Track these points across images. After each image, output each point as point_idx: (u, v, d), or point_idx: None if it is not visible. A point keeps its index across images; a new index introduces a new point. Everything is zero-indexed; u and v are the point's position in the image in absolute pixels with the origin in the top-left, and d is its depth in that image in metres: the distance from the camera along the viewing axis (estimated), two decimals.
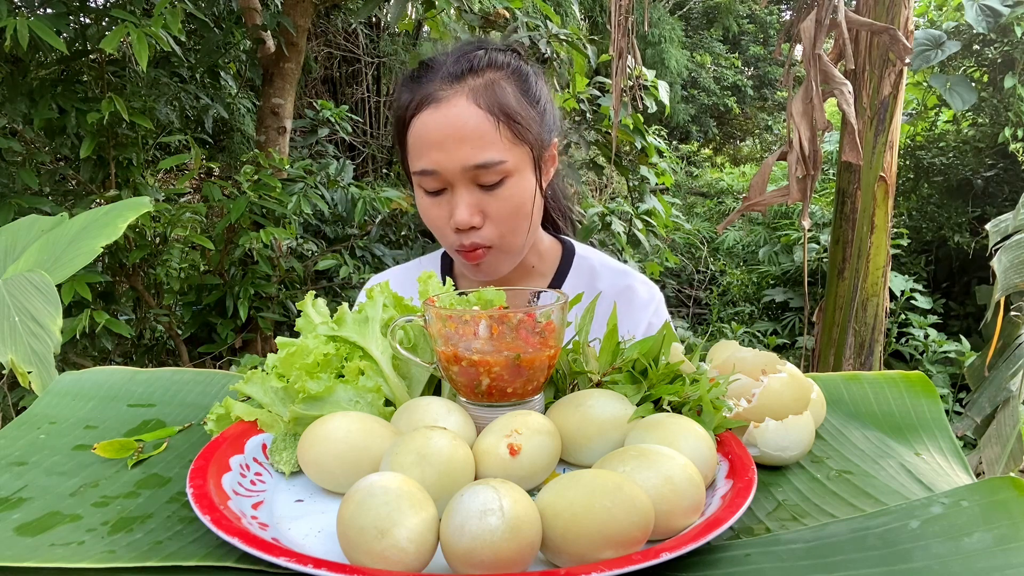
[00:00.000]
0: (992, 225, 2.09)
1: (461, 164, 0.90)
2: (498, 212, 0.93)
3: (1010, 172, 4.98)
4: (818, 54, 1.61)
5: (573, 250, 1.11)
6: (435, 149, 0.91)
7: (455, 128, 0.90)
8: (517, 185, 0.95)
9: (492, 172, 0.91)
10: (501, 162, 0.91)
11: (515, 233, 0.96)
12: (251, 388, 0.63)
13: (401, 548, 0.42)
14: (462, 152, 0.90)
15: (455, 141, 0.90)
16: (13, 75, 2.29)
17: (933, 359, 4.53)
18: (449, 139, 0.90)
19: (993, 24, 4.17)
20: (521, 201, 0.95)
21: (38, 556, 0.46)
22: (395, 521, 0.42)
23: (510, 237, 0.96)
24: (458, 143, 0.90)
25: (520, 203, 0.95)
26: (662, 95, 3.10)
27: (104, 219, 1.18)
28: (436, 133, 0.91)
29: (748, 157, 10.97)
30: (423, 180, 0.94)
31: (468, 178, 0.92)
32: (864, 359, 2.31)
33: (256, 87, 3.41)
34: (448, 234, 0.96)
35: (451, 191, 0.93)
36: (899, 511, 0.47)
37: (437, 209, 0.95)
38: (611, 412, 0.58)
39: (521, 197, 0.95)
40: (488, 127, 0.91)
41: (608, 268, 1.10)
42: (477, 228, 0.93)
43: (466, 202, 0.92)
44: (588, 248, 1.13)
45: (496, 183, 0.92)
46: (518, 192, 0.95)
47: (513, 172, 0.93)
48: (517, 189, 0.95)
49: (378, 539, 0.42)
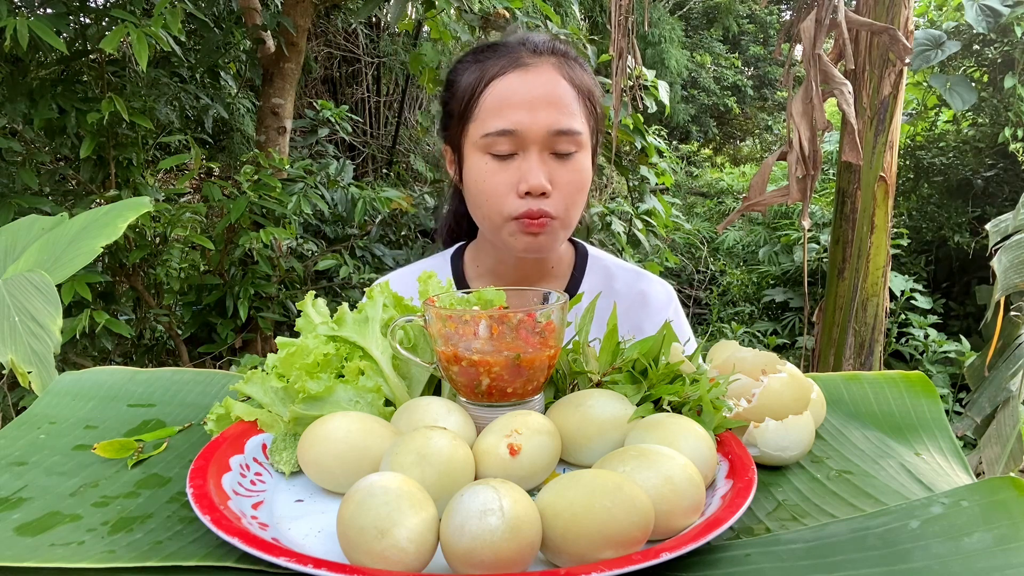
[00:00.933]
0: (992, 225, 2.09)
1: (546, 127, 0.91)
2: (567, 184, 0.93)
3: (1010, 172, 4.98)
4: (818, 54, 1.61)
5: (586, 251, 1.12)
6: (521, 110, 0.91)
7: (545, 91, 0.92)
8: (584, 161, 0.96)
9: (570, 141, 0.93)
10: (580, 133, 0.93)
11: (576, 209, 0.96)
12: (251, 388, 0.63)
13: (401, 548, 0.42)
14: (549, 115, 0.91)
15: (544, 104, 0.92)
16: (13, 75, 2.29)
17: (933, 359, 4.53)
18: (538, 101, 0.92)
19: (993, 24, 4.17)
20: (585, 178, 0.96)
21: (38, 556, 0.46)
22: (395, 521, 0.42)
23: (572, 212, 0.96)
24: (546, 106, 0.92)
25: (584, 180, 0.96)
26: (662, 95, 3.10)
27: (104, 219, 1.18)
28: (524, 94, 0.92)
29: (748, 157, 10.97)
30: (497, 141, 0.92)
31: (546, 144, 0.92)
32: (864, 359, 2.31)
33: (256, 87, 3.41)
34: (510, 201, 0.93)
35: (522, 156, 0.93)
36: (899, 511, 0.47)
37: (503, 174, 0.93)
38: (611, 412, 0.58)
39: (586, 174, 0.96)
40: (572, 97, 0.94)
41: (623, 269, 1.11)
42: (547, 196, 0.93)
43: (540, 167, 0.92)
44: (597, 249, 1.14)
45: (569, 154, 0.93)
46: (584, 168, 0.96)
47: (584, 147, 0.95)
48: (584, 165, 0.96)
49: (378, 539, 0.42)
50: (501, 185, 0.94)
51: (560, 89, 0.93)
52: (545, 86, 0.93)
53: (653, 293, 1.08)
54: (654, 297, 1.08)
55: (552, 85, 0.93)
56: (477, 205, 0.98)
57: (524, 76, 0.93)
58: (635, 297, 1.07)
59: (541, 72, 0.94)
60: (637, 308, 1.06)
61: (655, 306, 1.07)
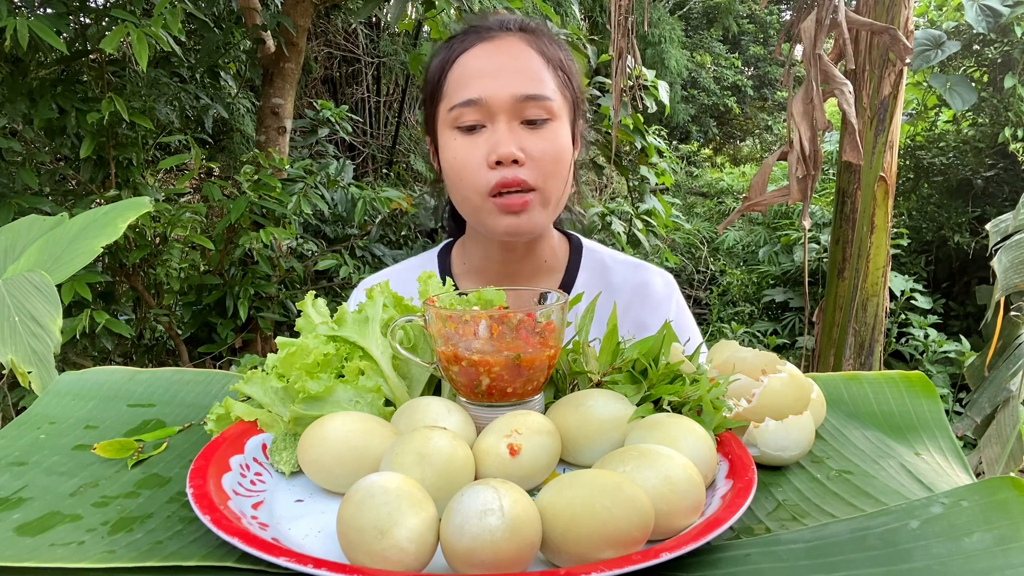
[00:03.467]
0: (992, 225, 2.09)
1: (511, 93, 0.88)
2: (541, 153, 0.89)
3: (1010, 172, 4.98)
4: (818, 54, 1.61)
5: (580, 244, 1.08)
6: (485, 77, 0.89)
7: (510, 58, 0.90)
8: (558, 131, 0.92)
9: (539, 107, 0.89)
10: (548, 98, 0.90)
11: (555, 182, 0.91)
12: (251, 388, 0.63)
13: (401, 548, 0.42)
14: (515, 81, 0.89)
15: (509, 71, 0.89)
16: (13, 75, 2.29)
17: (933, 359, 4.53)
18: (502, 68, 0.89)
19: (993, 24, 4.17)
20: (561, 148, 0.92)
21: (38, 556, 0.46)
22: (395, 521, 0.42)
23: (552, 185, 0.91)
24: (511, 73, 0.89)
25: (560, 150, 0.91)
26: (662, 95, 3.11)
27: (104, 219, 1.18)
28: (488, 63, 0.90)
29: (748, 157, 10.97)
30: (463, 113, 0.89)
31: (514, 112, 0.89)
32: (864, 359, 2.31)
33: (256, 87, 3.41)
34: (484, 174, 0.89)
35: (491, 127, 0.89)
36: (899, 511, 0.47)
37: (472, 149, 0.89)
38: (611, 412, 0.58)
39: (562, 144, 0.92)
40: (540, 65, 0.91)
41: (619, 262, 1.07)
42: (520, 165, 0.88)
43: (509, 135, 0.88)
44: (592, 242, 1.10)
45: (540, 121, 0.90)
46: (559, 138, 0.92)
47: (556, 116, 0.91)
48: (558, 135, 0.91)
49: (378, 539, 0.42)
50: (472, 160, 0.89)
51: (527, 56, 0.91)
52: (510, 54, 0.91)
53: (653, 285, 1.04)
54: (655, 289, 1.04)
55: (518, 53, 0.91)
56: (454, 187, 0.94)
57: (489, 47, 0.92)
58: (635, 291, 1.04)
59: (507, 43, 0.92)
60: (638, 303, 1.03)
61: (656, 299, 1.03)
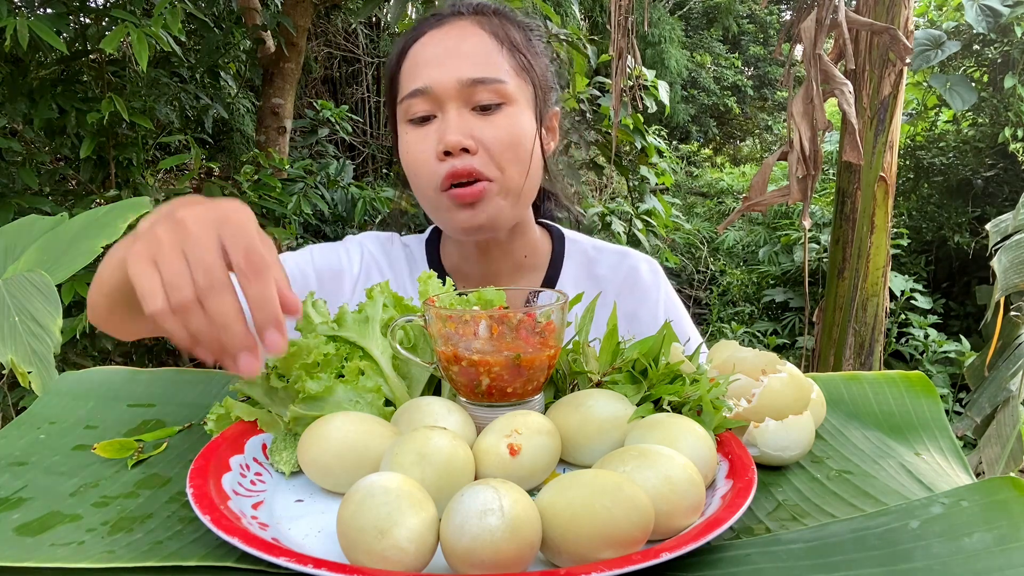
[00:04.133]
0: (992, 225, 2.09)
1: (457, 77, 0.83)
2: (493, 140, 0.83)
3: (1010, 172, 4.98)
4: (818, 54, 1.61)
5: (563, 236, 1.03)
6: (431, 66, 0.84)
7: (456, 43, 0.85)
8: (515, 116, 0.86)
9: (489, 90, 0.83)
10: (500, 81, 0.84)
11: (514, 169, 0.85)
12: (251, 388, 0.63)
13: (401, 548, 0.42)
14: (461, 65, 0.83)
15: (454, 57, 0.84)
16: (13, 75, 2.29)
17: (933, 359, 4.53)
18: (448, 54, 0.84)
19: (993, 24, 4.17)
20: (519, 135, 0.85)
21: (38, 556, 0.46)
22: (395, 521, 0.42)
23: (510, 172, 0.85)
24: (457, 58, 0.84)
25: (518, 137, 0.85)
26: (662, 95, 3.11)
27: (104, 219, 1.18)
28: (434, 50, 0.85)
29: (748, 157, 10.97)
30: (412, 104, 0.85)
31: (462, 98, 0.83)
32: (864, 359, 2.31)
33: (256, 87, 3.41)
34: (434, 167, 0.84)
35: (441, 116, 0.84)
36: (899, 511, 0.47)
37: (423, 141, 0.85)
38: (611, 412, 0.58)
39: (519, 131, 0.85)
40: (491, 47, 0.86)
41: (602, 251, 1.03)
42: (470, 154, 0.83)
43: (457, 123, 0.83)
44: (574, 232, 1.06)
45: (492, 107, 0.84)
46: (516, 124, 0.85)
47: (512, 101, 0.86)
48: (515, 120, 0.85)
49: (378, 539, 0.42)
50: (423, 152, 0.85)
51: (476, 39, 0.86)
52: (458, 39, 0.86)
53: (640, 272, 1.01)
54: (642, 277, 1.01)
55: (466, 36, 0.86)
56: (412, 185, 0.89)
57: (437, 32, 0.87)
58: (623, 280, 1.00)
59: (456, 27, 0.87)
60: (626, 292, 1.00)
61: (644, 286, 1.00)
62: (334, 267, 0.98)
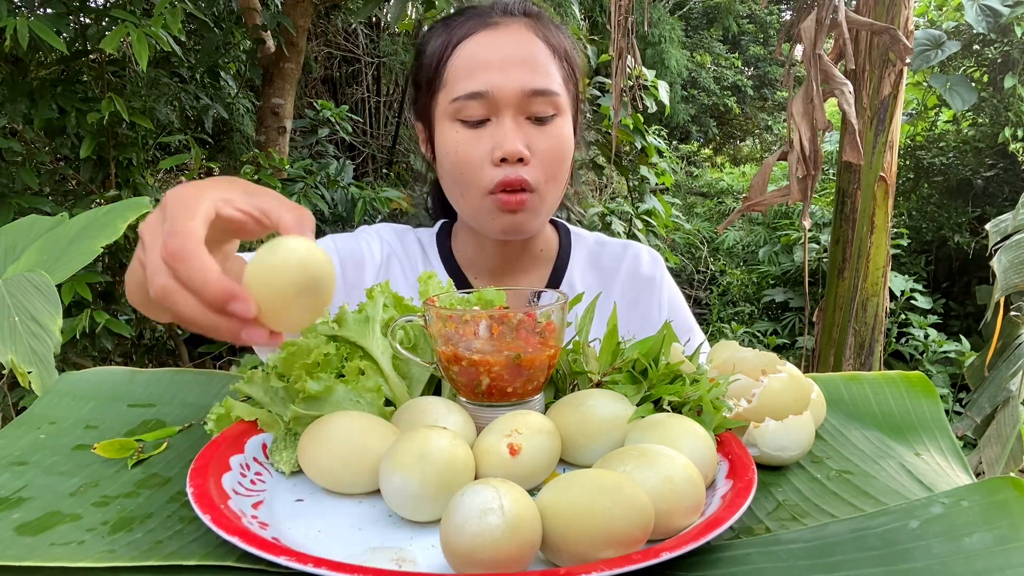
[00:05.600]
0: (992, 225, 2.09)
1: (520, 87, 0.84)
2: (546, 151, 0.86)
3: (1010, 172, 4.98)
4: (818, 54, 1.61)
5: (568, 230, 1.08)
6: (492, 70, 0.85)
7: (516, 49, 0.86)
8: (564, 127, 0.89)
9: (547, 103, 0.86)
10: (557, 94, 0.87)
11: (556, 180, 0.89)
12: (251, 388, 0.63)
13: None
14: (522, 75, 0.85)
15: (516, 63, 0.85)
16: (13, 75, 2.29)
17: (933, 359, 4.53)
18: (509, 60, 0.85)
19: (993, 24, 4.17)
20: (566, 146, 0.89)
21: (38, 556, 0.46)
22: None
23: (552, 184, 0.88)
24: (519, 65, 0.85)
25: (565, 148, 0.89)
26: (662, 95, 3.11)
27: (104, 219, 1.18)
28: (494, 54, 0.86)
29: (748, 157, 10.97)
30: (467, 106, 0.85)
31: (520, 107, 0.85)
32: (864, 359, 2.31)
33: (256, 87, 3.41)
34: (487, 171, 0.86)
35: (496, 121, 0.85)
36: (899, 511, 0.47)
37: (476, 144, 0.86)
38: (611, 412, 0.58)
39: (567, 141, 0.89)
40: (547, 57, 0.88)
41: (604, 244, 1.08)
42: (524, 163, 0.85)
43: (516, 132, 0.85)
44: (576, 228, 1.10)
45: (547, 118, 0.87)
46: (565, 135, 0.89)
47: (563, 112, 0.89)
48: (564, 131, 0.89)
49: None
50: (475, 155, 0.86)
51: (534, 47, 0.87)
52: (517, 44, 0.87)
53: (642, 260, 1.05)
54: (644, 265, 1.05)
55: (525, 43, 0.87)
56: (453, 180, 0.90)
57: (494, 35, 0.87)
58: (625, 270, 1.04)
59: (512, 31, 0.88)
60: (629, 282, 1.04)
61: (646, 275, 1.04)
62: (356, 256, 0.99)
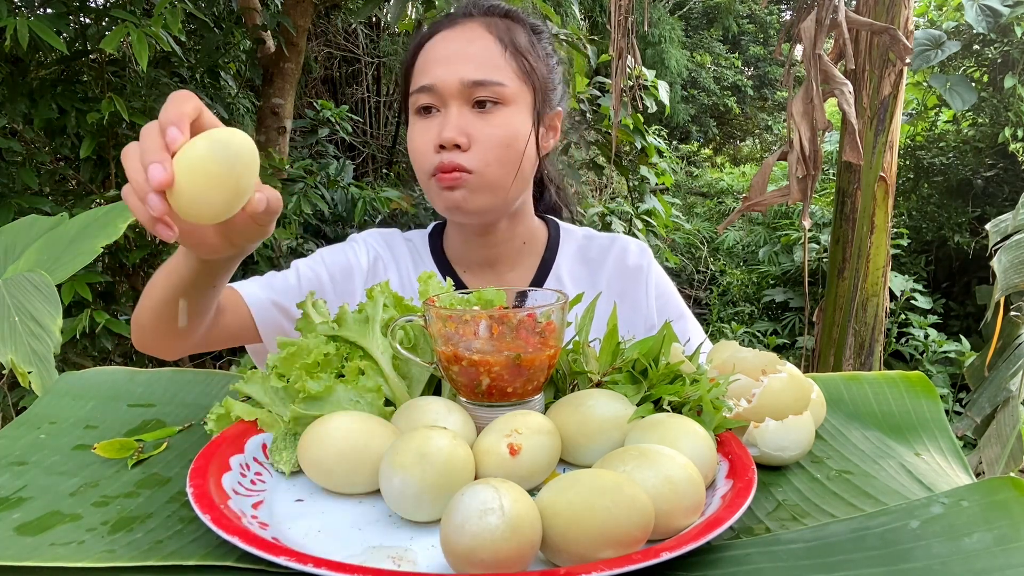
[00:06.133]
0: (992, 225, 2.09)
1: (459, 78, 0.91)
2: (486, 138, 0.92)
3: (1010, 172, 4.98)
4: (818, 54, 1.61)
5: (557, 225, 1.12)
6: (439, 65, 0.93)
7: (463, 45, 0.94)
8: (511, 117, 0.93)
9: (488, 91, 0.91)
10: (499, 83, 0.92)
11: (499, 166, 0.93)
12: (251, 388, 0.63)
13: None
14: (464, 68, 0.92)
15: (460, 58, 0.92)
16: (13, 75, 2.29)
17: (933, 359, 4.53)
18: (455, 55, 0.93)
19: (993, 24, 4.17)
20: (512, 135, 0.93)
21: (38, 555, 0.46)
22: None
23: (494, 168, 0.93)
24: (462, 60, 0.92)
25: (511, 137, 0.93)
26: (662, 95, 3.11)
27: (104, 219, 1.18)
28: (443, 50, 0.94)
29: (748, 157, 10.97)
30: (418, 98, 0.94)
31: (463, 97, 0.92)
32: (864, 359, 2.31)
33: (256, 87, 3.41)
34: (429, 157, 0.93)
35: (444, 111, 0.93)
36: (899, 511, 0.47)
37: (425, 132, 0.94)
38: (611, 412, 0.58)
39: (513, 131, 0.93)
40: (495, 52, 0.94)
41: (593, 238, 1.11)
42: (462, 150, 0.91)
43: (455, 120, 0.91)
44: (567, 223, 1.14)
45: (490, 105, 0.92)
46: (511, 125, 0.93)
47: (510, 102, 0.93)
48: (510, 121, 0.93)
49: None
50: (423, 142, 0.94)
51: (484, 43, 0.93)
52: (467, 41, 0.94)
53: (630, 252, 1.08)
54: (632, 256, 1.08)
55: (475, 39, 0.94)
56: (414, 168, 0.98)
57: (448, 33, 0.95)
58: (612, 262, 1.07)
59: (467, 29, 0.95)
60: (617, 274, 1.07)
61: (634, 266, 1.07)
62: (343, 265, 1.05)
